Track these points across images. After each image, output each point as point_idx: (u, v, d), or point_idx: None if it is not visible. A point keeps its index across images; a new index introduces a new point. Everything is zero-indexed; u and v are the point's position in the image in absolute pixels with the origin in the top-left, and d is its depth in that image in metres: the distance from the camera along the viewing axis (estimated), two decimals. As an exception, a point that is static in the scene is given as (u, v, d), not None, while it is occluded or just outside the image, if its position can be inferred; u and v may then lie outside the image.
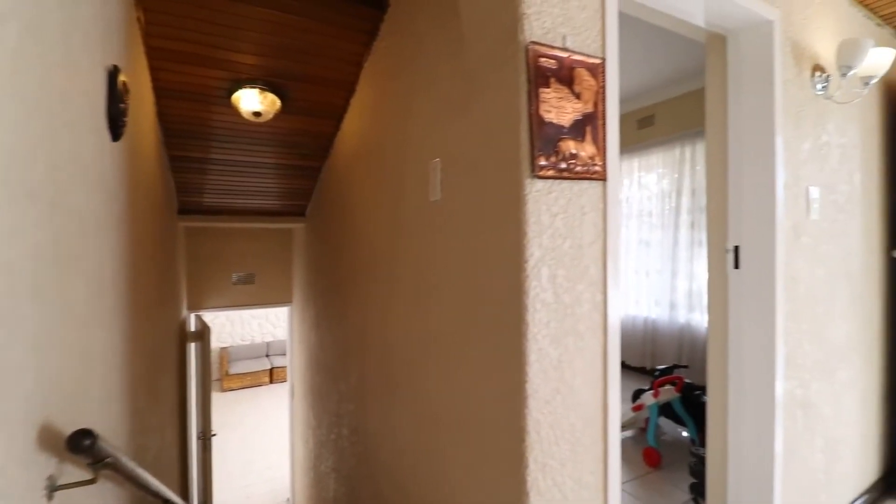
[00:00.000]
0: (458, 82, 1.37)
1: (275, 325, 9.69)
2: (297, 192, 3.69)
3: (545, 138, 1.09)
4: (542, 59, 1.09)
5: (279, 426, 6.63)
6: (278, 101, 2.37)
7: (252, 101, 2.28)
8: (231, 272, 4.38)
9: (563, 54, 1.13)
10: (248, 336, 9.52)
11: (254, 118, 2.35)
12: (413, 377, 1.70)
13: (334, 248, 2.97)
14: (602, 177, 1.20)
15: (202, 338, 3.84)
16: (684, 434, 3.19)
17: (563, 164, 1.12)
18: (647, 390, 3.15)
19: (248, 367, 8.90)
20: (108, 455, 0.97)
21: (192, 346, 4.16)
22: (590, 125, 1.17)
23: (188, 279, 4.25)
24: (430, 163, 1.54)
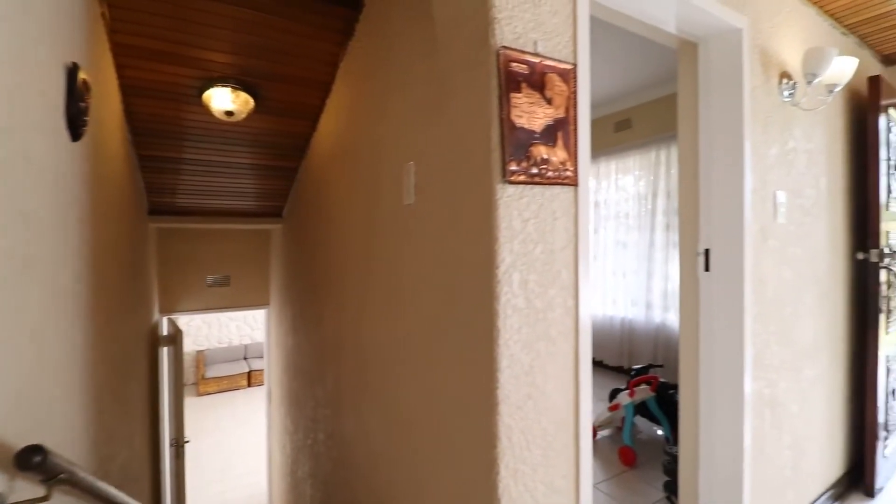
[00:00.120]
0: (431, 85, 1.36)
1: (253, 328, 9.52)
2: (274, 192, 3.62)
3: (516, 143, 1.09)
4: (514, 64, 1.09)
5: (257, 431, 6.52)
6: (252, 101, 2.32)
7: (224, 100, 2.22)
8: (206, 274, 4.28)
9: (535, 59, 1.13)
10: (225, 339, 9.34)
11: (226, 117, 2.29)
12: (387, 382, 1.68)
13: (310, 251, 2.92)
14: (573, 182, 1.20)
15: (174, 342, 3.74)
16: (659, 432, 3.25)
17: (535, 170, 1.12)
18: (624, 390, 3.19)
19: (226, 370, 8.73)
20: (62, 470, 0.93)
21: (164, 351, 4.05)
22: (561, 130, 1.17)
23: (160, 282, 4.14)
24: (404, 166, 1.53)
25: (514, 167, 1.08)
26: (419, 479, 1.44)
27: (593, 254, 4.94)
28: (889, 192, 2.47)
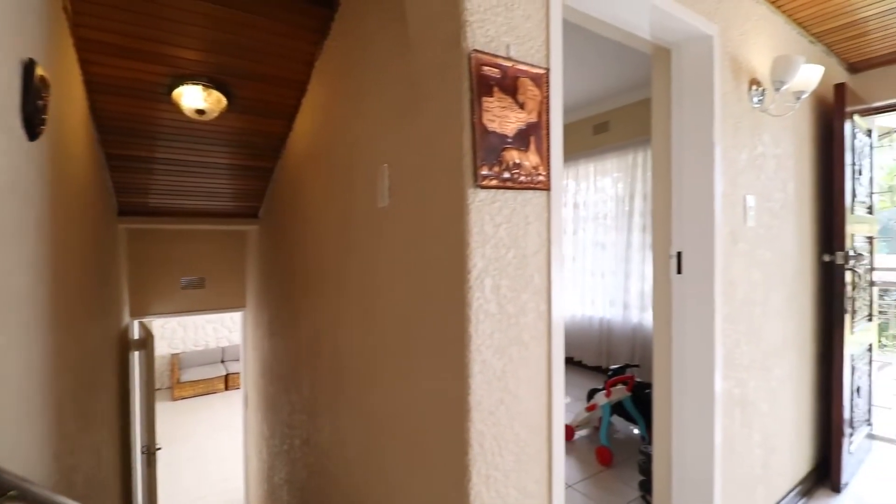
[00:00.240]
0: (404, 87, 1.35)
1: (231, 330, 9.33)
2: (250, 193, 3.55)
3: (488, 148, 1.08)
4: (486, 68, 1.08)
5: (234, 435, 6.39)
6: (224, 100, 2.26)
7: (195, 98, 2.16)
8: (179, 276, 4.17)
9: (507, 63, 1.13)
10: (201, 341, 9.13)
11: (197, 116, 2.23)
12: (362, 388, 1.66)
13: (287, 252, 2.87)
14: (546, 186, 1.20)
15: (146, 346, 3.63)
16: (636, 431, 3.29)
17: (507, 174, 1.12)
18: (601, 390, 3.23)
19: (202, 373, 8.54)
20: (11, 486, 0.88)
21: (135, 355, 3.93)
22: (534, 135, 1.17)
23: (131, 284, 4.02)
24: (378, 168, 1.51)
25: (485, 172, 1.07)
26: (392, 486, 1.43)
27: (572, 255, 4.98)
28: (854, 196, 2.55)
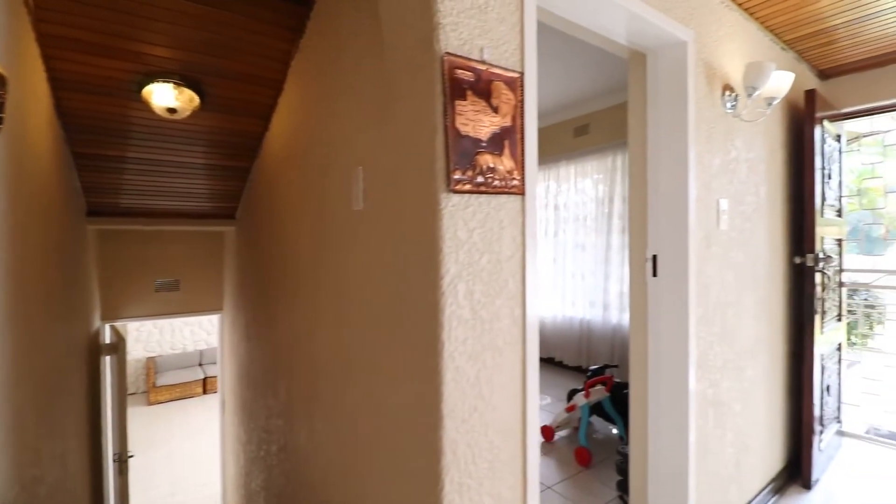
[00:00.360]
0: (378, 88, 1.33)
1: (209, 333, 9.14)
2: (226, 193, 3.47)
3: (461, 152, 1.07)
4: (459, 71, 1.07)
5: (212, 440, 6.26)
6: (197, 98, 2.20)
7: (166, 96, 2.10)
8: (153, 278, 4.06)
9: (481, 67, 1.11)
10: (178, 344, 8.93)
11: (169, 115, 2.17)
12: (337, 394, 1.63)
13: (263, 254, 2.82)
14: (521, 191, 1.20)
15: (117, 350, 3.53)
16: (614, 431, 3.32)
17: (481, 179, 1.11)
18: (581, 390, 3.25)
19: (179, 377, 8.34)
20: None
21: (106, 360, 3.81)
22: (508, 139, 1.16)
23: (102, 287, 3.89)
24: (353, 170, 1.48)
25: (458, 176, 1.06)
26: (367, 494, 1.40)
27: (553, 256, 5.02)
28: (823, 199, 2.62)
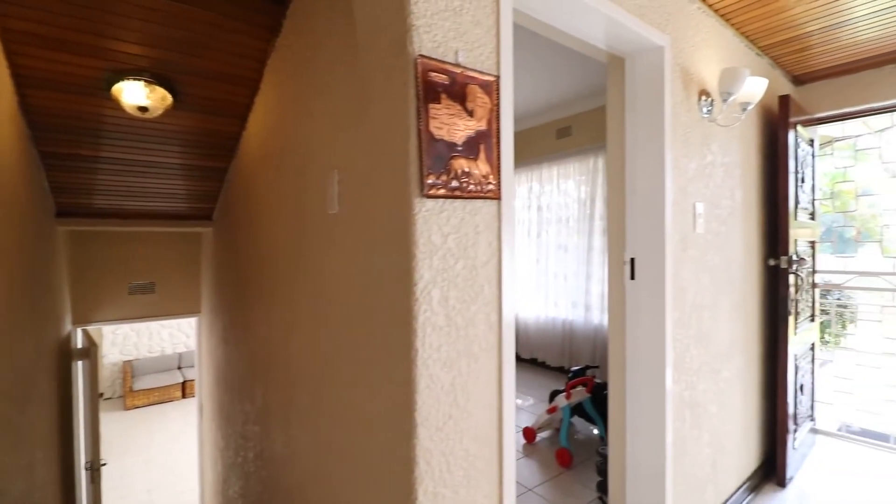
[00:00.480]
0: (353, 90, 1.30)
1: (188, 335, 8.95)
2: (203, 194, 3.40)
3: (435, 156, 1.05)
4: (433, 74, 1.05)
5: (191, 446, 6.13)
6: (169, 97, 2.14)
7: (137, 94, 2.04)
8: (128, 281, 3.95)
9: (456, 70, 1.10)
10: (156, 347, 8.72)
11: (140, 114, 2.11)
12: (312, 401, 1.60)
13: (241, 257, 2.76)
14: (496, 195, 1.18)
15: (88, 355, 3.42)
16: (595, 432, 3.35)
17: (455, 183, 1.09)
18: (563, 391, 3.26)
19: (157, 381, 8.15)
20: None
21: (78, 365, 3.70)
22: (483, 143, 1.15)
23: (73, 290, 3.77)
24: (328, 173, 1.45)
25: (432, 180, 1.04)
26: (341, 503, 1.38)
27: (536, 257, 5.03)
28: (797, 202, 2.67)
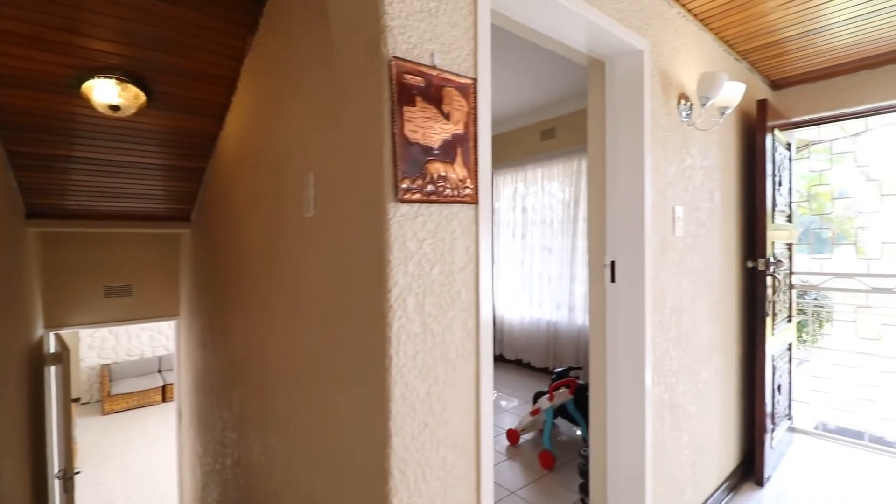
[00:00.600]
0: (328, 91, 1.28)
1: (168, 338, 8.78)
2: (180, 194, 3.32)
3: (410, 160, 1.03)
4: (407, 76, 1.03)
5: (170, 451, 6.01)
6: (143, 95, 2.08)
7: (108, 93, 1.98)
8: (102, 283, 3.85)
9: (432, 72, 1.08)
10: (136, 350, 8.54)
11: (111, 112, 2.05)
12: (288, 409, 1.56)
13: (219, 259, 2.70)
14: (474, 200, 1.17)
15: (61, 360, 3.32)
16: (578, 433, 3.36)
17: (431, 187, 1.07)
18: (546, 393, 3.26)
19: (136, 385, 7.98)
20: None
21: (50, 371, 3.58)
22: (460, 147, 1.13)
23: (46, 292, 3.66)
24: (303, 176, 1.42)
25: (407, 185, 1.02)
26: (318, 512, 1.35)
27: (521, 258, 5.04)
28: (774, 205, 2.72)
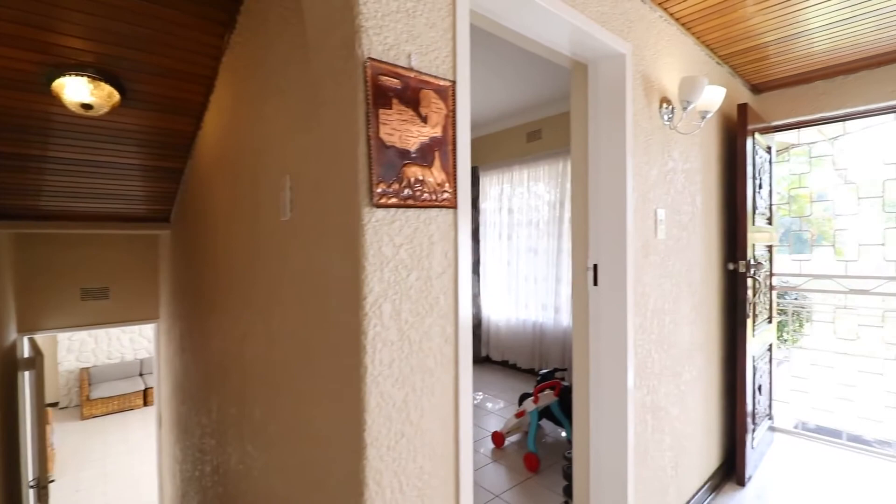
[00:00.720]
0: (305, 92, 1.25)
1: (150, 340, 8.60)
2: (159, 195, 3.25)
3: (386, 163, 1.01)
4: (383, 78, 1.01)
5: (151, 457, 5.89)
6: (116, 94, 2.03)
7: (80, 91, 1.92)
8: (78, 285, 3.74)
9: (409, 74, 1.06)
10: (116, 353, 8.36)
11: (84, 111, 1.99)
12: (265, 417, 1.53)
13: (197, 261, 2.65)
14: (452, 204, 1.15)
15: (35, 365, 3.23)
16: (563, 435, 3.36)
17: (408, 192, 1.05)
18: (531, 395, 3.26)
19: (117, 388, 7.81)
20: None
21: (24, 376, 3.48)
22: (438, 150, 1.11)
23: (19, 295, 3.55)
24: (281, 178, 1.39)
25: (382, 189, 1.00)
26: (295, 523, 1.32)
27: (507, 259, 5.04)
28: (755, 208, 2.75)
